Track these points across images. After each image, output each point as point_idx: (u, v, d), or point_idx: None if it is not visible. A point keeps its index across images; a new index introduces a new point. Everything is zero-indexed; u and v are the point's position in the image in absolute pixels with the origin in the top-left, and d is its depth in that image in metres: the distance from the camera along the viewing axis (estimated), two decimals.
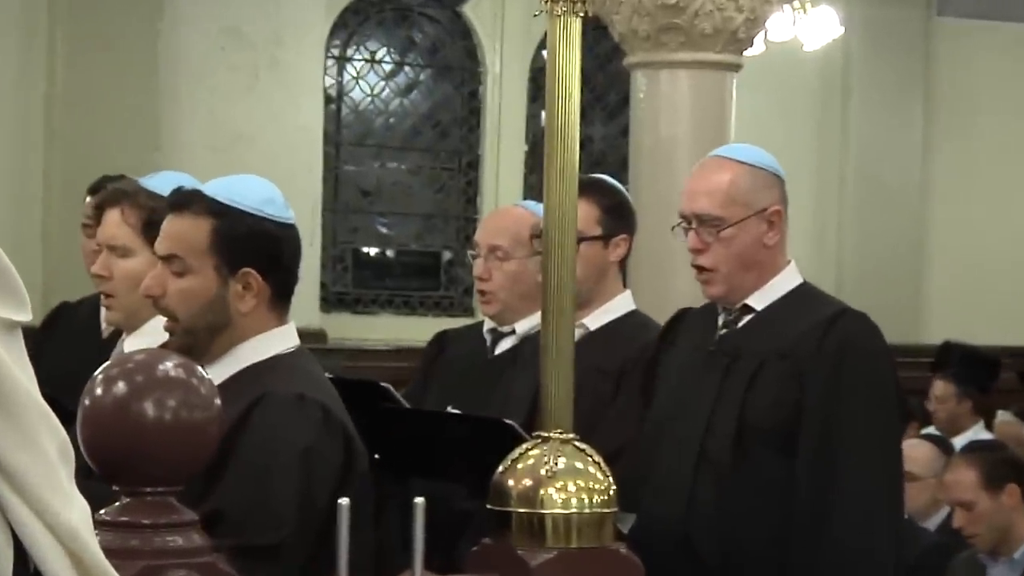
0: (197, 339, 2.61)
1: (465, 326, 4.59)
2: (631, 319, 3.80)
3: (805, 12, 7.58)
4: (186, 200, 2.60)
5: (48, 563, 1.41)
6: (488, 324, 4.01)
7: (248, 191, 2.65)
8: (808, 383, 3.17)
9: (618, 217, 3.76)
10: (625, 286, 3.86)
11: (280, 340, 2.64)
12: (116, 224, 3.19)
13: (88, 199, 4.05)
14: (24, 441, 1.41)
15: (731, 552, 3.22)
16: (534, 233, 3.68)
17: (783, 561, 3.16)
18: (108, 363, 2.05)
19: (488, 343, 4.00)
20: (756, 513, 3.22)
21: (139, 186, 3.27)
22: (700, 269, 3.33)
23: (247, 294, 2.63)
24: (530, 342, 3.70)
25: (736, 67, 6.17)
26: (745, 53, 6.25)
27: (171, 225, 2.63)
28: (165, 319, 2.63)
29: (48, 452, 1.43)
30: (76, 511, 1.46)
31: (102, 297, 3.37)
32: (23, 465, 1.41)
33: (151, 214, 3.03)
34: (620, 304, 3.77)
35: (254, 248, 2.58)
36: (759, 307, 3.34)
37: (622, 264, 3.81)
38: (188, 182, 2.87)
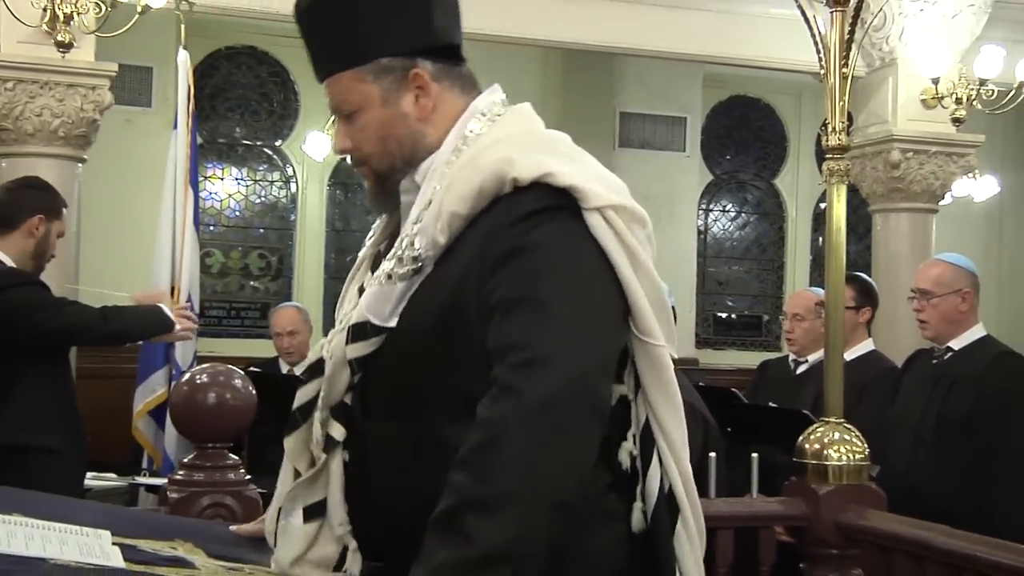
0: None
1: (779, 357, 5.80)
2: (871, 355, 5.04)
3: (975, 178, 9.80)
4: None
5: None
6: (791, 356, 5.37)
7: None
8: (979, 397, 4.20)
9: (866, 296, 5.04)
10: (869, 336, 5.14)
11: None
12: None
13: None
14: None
15: (940, 495, 4.14)
16: (818, 303, 4.84)
17: (975, 501, 4.07)
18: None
19: (792, 368, 5.31)
20: (953, 472, 4.17)
21: None
22: (921, 323, 4.37)
23: None
24: (815, 368, 5.00)
25: (925, 211, 7.68)
26: (940, 203, 7.83)
27: None
28: None
29: None
30: None
31: None
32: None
33: None
34: (864, 347, 5.06)
35: None
36: (956, 347, 4.36)
37: (868, 324, 5.11)
38: None
